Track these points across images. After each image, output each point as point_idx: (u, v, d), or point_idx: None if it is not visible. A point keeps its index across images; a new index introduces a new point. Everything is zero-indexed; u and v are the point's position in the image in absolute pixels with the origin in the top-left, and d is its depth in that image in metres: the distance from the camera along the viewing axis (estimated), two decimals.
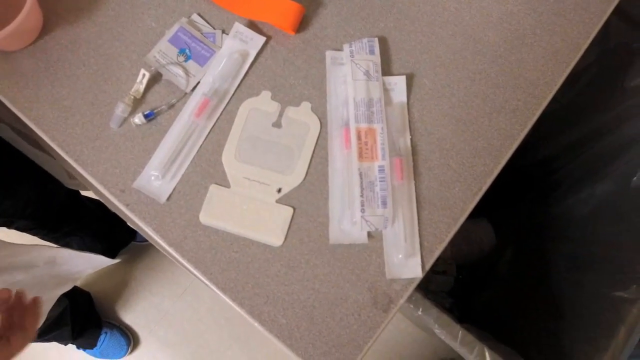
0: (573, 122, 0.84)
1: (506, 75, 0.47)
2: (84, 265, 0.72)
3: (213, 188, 0.44)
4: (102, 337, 1.11)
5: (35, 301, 0.51)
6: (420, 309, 0.58)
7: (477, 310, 0.92)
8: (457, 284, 0.98)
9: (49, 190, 0.86)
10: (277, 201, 0.44)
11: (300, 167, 0.45)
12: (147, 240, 1.21)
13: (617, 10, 0.51)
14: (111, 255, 1.17)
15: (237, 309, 0.42)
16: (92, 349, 1.11)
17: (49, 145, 0.47)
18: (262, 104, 0.46)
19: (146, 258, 1.25)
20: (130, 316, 1.21)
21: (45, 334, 0.95)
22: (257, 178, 0.44)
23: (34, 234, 0.92)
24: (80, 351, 1.13)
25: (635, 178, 0.74)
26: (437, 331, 0.58)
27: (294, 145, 0.45)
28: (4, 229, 0.82)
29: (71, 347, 1.11)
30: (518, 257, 0.92)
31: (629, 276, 0.64)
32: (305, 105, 0.46)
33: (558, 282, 0.77)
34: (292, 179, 0.44)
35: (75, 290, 1.13)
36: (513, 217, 0.98)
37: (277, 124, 0.46)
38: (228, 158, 0.45)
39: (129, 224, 0.74)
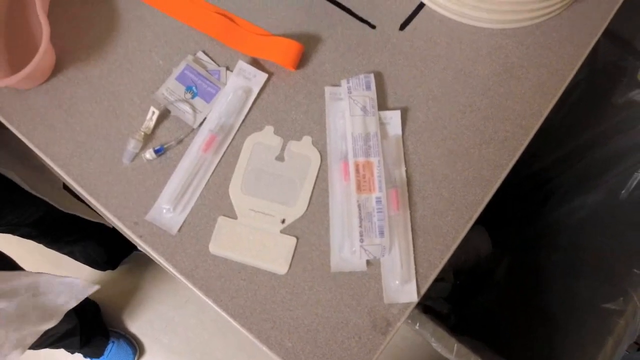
0: (564, 136, 0.87)
1: (495, 107, 0.50)
2: (67, 296, 0.73)
3: (221, 220, 0.47)
4: (109, 346, 1.15)
5: None
6: (417, 324, 0.61)
7: (474, 316, 0.95)
8: (455, 290, 1.01)
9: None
10: (282, 231, 0.47)
11: (303, 198, 0.48)
12: None
13: (604, 31, 0.54)
14: (114, 264, 1.21)
15: (246, 333, 0.45)
16: (99, 358, 1.14)
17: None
18: (266, 138, 0.49)
19: (151, 267, 1.28)
20: (135, 325, 1.24)
21: (54, 344, 0.98)
22: (262, 209, 0.47)
23: (37, 242, 0.95)
24: None
25: (623, 191, 0.78)
26: (433, 344, 0.61)
27: (297, 178, 0.48)
28: (8, 235, 0.85)
29: (78, 356, 1.14)
30: (513, 265, 0.95)
31: (616, 288, 0.67)
32: (307, 139, 0.49)
33: (551, 291, 0.80)
34: (295, 210, 0.47)
35: (84, 301, 1.15)
36: (508, 225, 1.01)
37: (280, 158, 0.49)
38: (235, 191, 0.48)
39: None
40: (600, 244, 0.76)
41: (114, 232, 1.13)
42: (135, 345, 1.20)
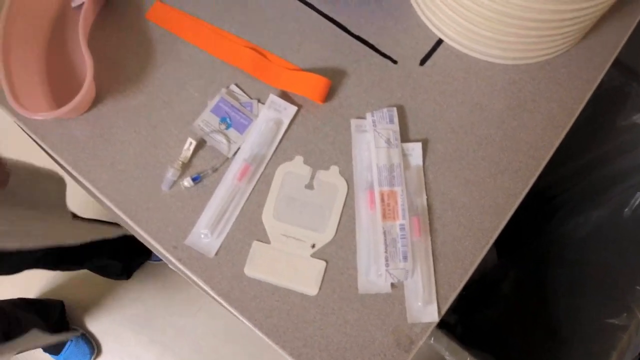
0: (570, 155, 0.91)
1: (509, 139, 0.54)
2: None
3: (255, 244, 0.51)
4: (67, 344, 1.19)
5: None
6: (432, 338, 0.65)
7: (480, 327, 0.98)
8: (461, 301, 1.05)
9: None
10: (312, 255, 0.50)
11: (331, 225, 0.51)
12: (161, 260, 1.27)
13: None
14: (128, 274, 1.24)
15: (280, 351, 0.48)
16: (58, 355, 1.18)
17: None
18: (296, 167, 0.53)
19: (161, 276, 1.31)
20: (146, 333, 1.27)
21: None
22: (293, 235, 0.51)
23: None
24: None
25: (626, 209, 0.81)
26: (447, 358, 0.65)
27: (325, 205, 0.52)
28: None
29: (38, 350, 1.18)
30: (520, 278, 0.99)
31: (620, 303, 0.71)
32: (334, 169, 0.53)
33: (556, 305, 0.84)
34: (324, 236, 0.51)
35: (46, 303, 1.20)
36: (514, 238, 1.04)
37: (310, 186, 0.52)
38: (267, 217, 0.51)
39: (152, 250, 0.77)
40: (605, 259, 0.80)
41: (127, 245, 1.16)
42: (93, 345, 1.23)
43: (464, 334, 0.99)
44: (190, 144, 0.53)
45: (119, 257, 1.16)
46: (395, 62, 0.56)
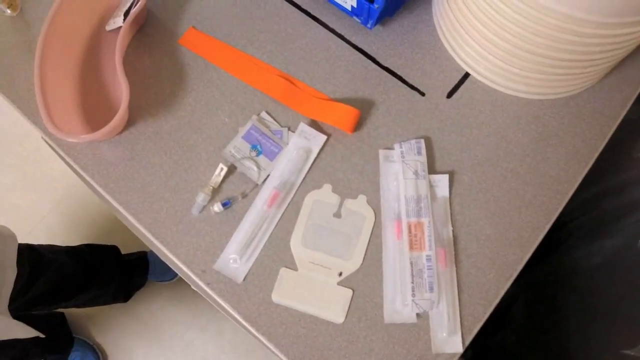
0: (585, 183, 0.92)
1: (533, 173, 0.55)
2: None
3: (283, 271, 0.51)
4: (73, 354, 1.18)
5: None
6: None
7: (491, 351, 0.99)
8: None
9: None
10: (339, 283, 0.51)
11: (358, 253, 0.52)
12: (165, 280, 1.28)
13: None
14: (125, 297, 1.22)
15: None
16: None
17: None
18: (324, 196, 0.54)
19: (171, 291, 1.31)
20: (155, 346, 1.27)
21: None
22: (320, 262, 0.52)
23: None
24: None
25: None
26: None
27: (352, 234, 0.52)
28: None
29: None
30: (530, 302, 0.99)
31: (634, 334, 0.71)
32: (362, 198, 0.54)
33: (569, 332, 0.84)
34: (351, 264, 0.52)
35: (48, 314, 1.19)
36: (526, 264, 1.05)
37: (337, 214, 0.53)
38: (295, 244, 0.52)
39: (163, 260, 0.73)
40: (618, 289, 0.80)
41: (127, 271, 1.16)
42: (100, 356, 1.23)
43: (474, 358, 1.00)
44: (221, 170, 0.54)
45: (118, 285, 1.15)
46: (423, 94, 0.57)
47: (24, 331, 0.74)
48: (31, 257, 0.88)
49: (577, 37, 0.47)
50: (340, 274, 0.51)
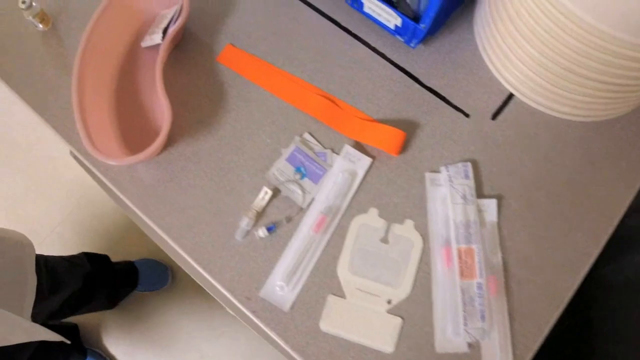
0: None
1: (580, 196, 0.54)
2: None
3: (331, 298, 0.50)
4: None
5: None
6: None
7: None
8: None
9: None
10: (388, 311, 0.50)
11: (407, 280, 0.51)
12: (148, 291, 1.25)
13: None
14: (113, 304, 1.20)
15: None
16: None
17: None
18: (371, 220, 0.53)
19: (185, 298, 1.29)
20: (167, 356, 1.26)
21: None
22: (369, 290, 0.50)
23: None
24: None
25: None
26: None
27: (401, 260, 0.51)
28: None
29: None
30: (561, 319, 0.99)
31: None
32: (409, 223, 0.52)
33: (601, 350, 0.84)
34: (400, 291, 0.50)
35: (57, 327, 1.16)
36: None
37: (385, 240, 0.52)
38: (343, 270, 0.51)
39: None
40: None
41: (115, 280, 1.13)
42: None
43: None
44: (265, 194, 0.52)
45: (106, 292, 1.13)
46: (467, 115, 0.56)
47: (49, 335, 0.72)
48: (47, 270, 0.86)
49: (634, 62, 0.46)
50: (389, 302, 0.50)
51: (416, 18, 0.56)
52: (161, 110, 0.56)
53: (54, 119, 0.57)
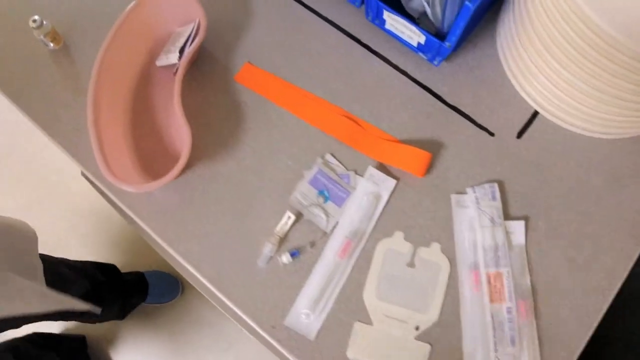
0: None
1: (608, 217, 0.53)
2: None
3: (357, 325, 0.49)
4: None
5: None
6: None
7: None
8: None
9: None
10: (416, 338, 0.49)
11: (435, 305, 0.50)
12: (157, 303, 1.24)
13: None
14: (123, 315, 1.19)
15: None
16: None
17: None
18: (396, 244, 0.51)
19: (192, 311, 1.28)
20: None
21: None
22: (396, 316, 0.49)
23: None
24: None
25: None
26: None
27: (428, 285, 0.50)
28: None
29: None
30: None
31: None
32: (435, 246, 0.51)
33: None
34: (428, 317, 0.49)
35: (65, 338, 1.15)
36: None
37: (411, 264, 0.51)
38: (369, 296, 0.50)
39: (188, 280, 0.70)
40: None
41: (125, 290, 1.12)
42: None
43: None
44: (288, 218, 0.51)
45: (116, 304, 1.11)
46: (492, 134, 0.55)
47: (77, 304, 0.72)
48: (50, 265, 0.85)
49: None
50: (417, 328, 0.49)
51: (438, 34, 0.54)
52: (177, 129, 0.55)
53: (66, 141, 0.55)
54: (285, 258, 0.50)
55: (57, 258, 0.92)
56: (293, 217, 0.51)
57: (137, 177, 0.53)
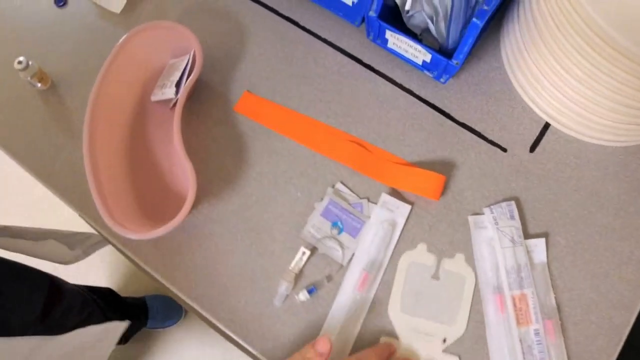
0: None
1: (628, 227, 0.52)
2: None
3: (384, 340, 0.47)
4: None
5: None
6: None
7: None
8: None
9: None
10: (444, 351, 0.48)
11: (461, 318, 0.48)
12: (159, 327, 1.22)
13: None
14: (125, 340, 1.17)
15: None
16: None
17: None
18: (420, 256, 0.50)
19: (194, 337, 1.26)
20: None
21: None
22: (423, 329, 0.48)
23: None
24: None
25: None
26: None
27: (454, 297, 0.49)
28: None
29: None
30: None
31: None
32: (459, 257, 0.50)
33: None
34: (455, 330, 0.48)
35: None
36: None
37: (435, 276, 0.49)
38: (394, 312, 0.48)
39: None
40: None
41: (124, 312, 1.10)
42: None
43: None
44: (303, 254, 0.49)
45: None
46: (504, 150, 0.54)
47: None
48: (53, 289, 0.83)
49: None
50: (445, 341, 0.48)
51: (441, 50, 0.53)
52: (178, 167, 0.53)
53: (63, 188, 0.53)
54: (303, 295, 0.48)
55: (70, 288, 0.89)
56: (308, 253, 0.49)
57: (140, 221, 0.50)
